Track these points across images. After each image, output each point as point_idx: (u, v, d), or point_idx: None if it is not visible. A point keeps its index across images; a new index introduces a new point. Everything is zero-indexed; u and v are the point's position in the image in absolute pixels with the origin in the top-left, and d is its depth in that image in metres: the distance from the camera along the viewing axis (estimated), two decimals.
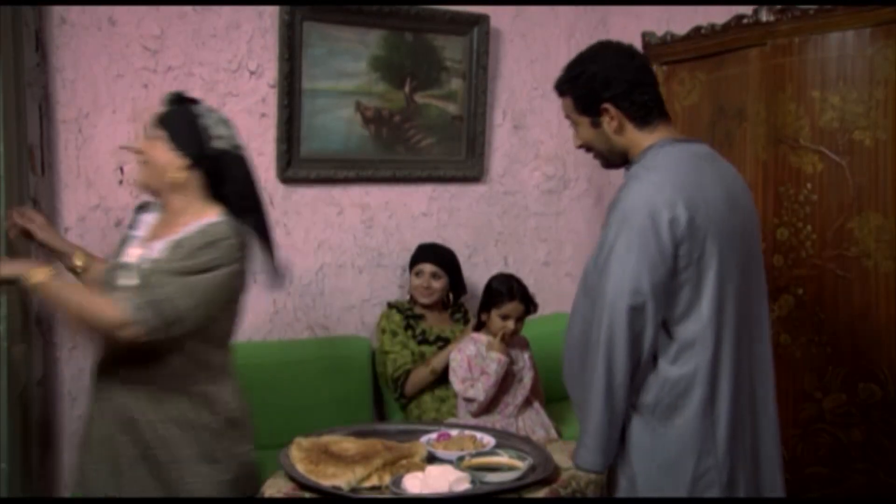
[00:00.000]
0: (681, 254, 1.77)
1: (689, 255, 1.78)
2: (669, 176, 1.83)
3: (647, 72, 1.93)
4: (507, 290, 2.86)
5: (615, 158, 1.97)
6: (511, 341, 2.85)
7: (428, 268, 3.17)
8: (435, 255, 3.20)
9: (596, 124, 1.91)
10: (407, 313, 3.16)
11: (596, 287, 1.83)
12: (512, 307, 2.84)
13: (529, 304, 2.88)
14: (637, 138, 1.90)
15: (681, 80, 3.04)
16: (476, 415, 2.82)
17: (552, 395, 3.20)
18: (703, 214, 1.79)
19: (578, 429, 1.96)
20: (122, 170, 2.87)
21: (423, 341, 3.12)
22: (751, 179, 2.76)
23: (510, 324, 2.83)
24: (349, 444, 2.28)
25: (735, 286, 1.84)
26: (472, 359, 2.83)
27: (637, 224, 1.77)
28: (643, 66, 1.94)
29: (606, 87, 1.87)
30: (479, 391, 2.76)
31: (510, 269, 3.47)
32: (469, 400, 2.79)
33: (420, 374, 3.04)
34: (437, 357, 3.02)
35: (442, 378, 2.98)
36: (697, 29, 2.97)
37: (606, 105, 1.88)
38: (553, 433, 2.90)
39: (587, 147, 1.99)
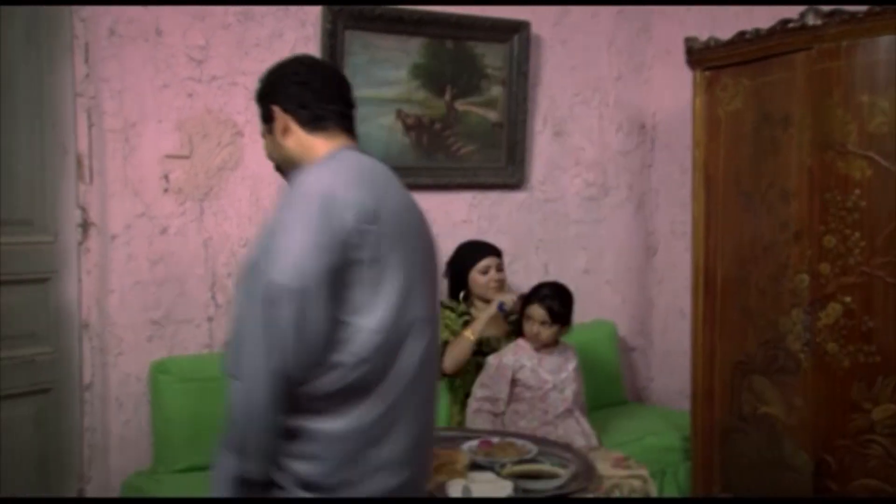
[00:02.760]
0: (354, 243, 1.54)
1: (366, 252, 1.55)
2: (353, 166, 1.67)
3: (333, 83, 1.82)
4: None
5: (288, 169, 1.80)
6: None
7: (493, 261, 3.14)
8: (492, 248, 3.19)
9: (269, 131, 1.80)
10: (465, 317, 3.10)
11: (255, 269, 1.54)
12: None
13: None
14: (310, 143, 1.76)
15: (724, 86, 3.01)
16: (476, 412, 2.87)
17: (594, 402, 3.20)
18: (387, 219, 1.58)
19: None
20: (167, 178, 2.91)
21: (478, 352, 3.04)
22: (796, 186, 2.74)
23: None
24: None
25: (421, 304, 1.63)
26: (503, 368, 2.85)
27: (308, 202, 1.55)
28: (329, 76, 1.84)
29: (273, 90, 1.79)
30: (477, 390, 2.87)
31: (550, 277, 3.44)
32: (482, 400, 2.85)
33: (457, 344, 2.97)
34: (473, 325, 2.98)
35: None
36: (742, 34, 2.94)
37: (273, 108, 1.78)
38: (594, 441, 2.87)
39: (273, 161, 1.85)
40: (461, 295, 3.18)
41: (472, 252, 3.18)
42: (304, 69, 1.81)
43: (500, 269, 3.17)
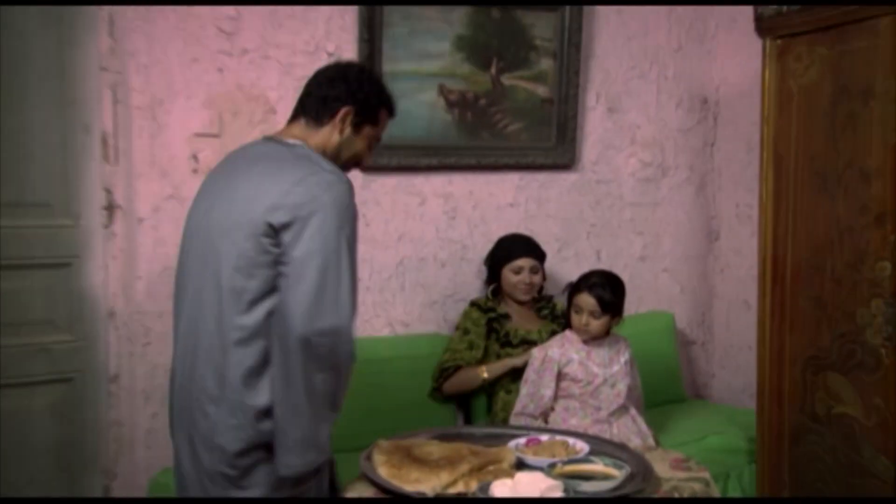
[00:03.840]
0: None
1: None
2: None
3: (311, 82, 2.16)
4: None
5: None
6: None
7: (528, 263, 3.12)
8: (531, 248, 3.16)
9: None
10: (491, 314, 3.09)
11: None
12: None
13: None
14: None
15: (797, 56, 2.84)
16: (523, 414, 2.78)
17: (651, 400, 3.10)
18: (195, 211, 2.09)
19: None
20: (196, 158, 2.83)
21: (507, 343, 3.05)
22: (878, 165, 2.57)
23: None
24: (433, 448, 2.25)
25: (198, 286, 2.02)
26: (549, 361, 2.75)
27: None
28: (317, 75, 2.16)
29: None
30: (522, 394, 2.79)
31: (603, 264, 3.40)
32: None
33: (469, 375, 3.00)
34: (493, 365, 2.99)
35: None
36: None
37: None
38: (651, 441, 2.76)
39: None
40: (491, 289, 3.18)
41: (510, 248, 3.18)
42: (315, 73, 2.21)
43: (534, 271, 3.13)
